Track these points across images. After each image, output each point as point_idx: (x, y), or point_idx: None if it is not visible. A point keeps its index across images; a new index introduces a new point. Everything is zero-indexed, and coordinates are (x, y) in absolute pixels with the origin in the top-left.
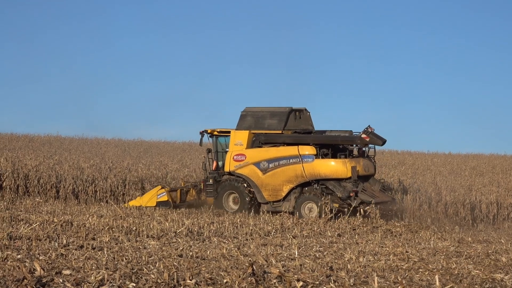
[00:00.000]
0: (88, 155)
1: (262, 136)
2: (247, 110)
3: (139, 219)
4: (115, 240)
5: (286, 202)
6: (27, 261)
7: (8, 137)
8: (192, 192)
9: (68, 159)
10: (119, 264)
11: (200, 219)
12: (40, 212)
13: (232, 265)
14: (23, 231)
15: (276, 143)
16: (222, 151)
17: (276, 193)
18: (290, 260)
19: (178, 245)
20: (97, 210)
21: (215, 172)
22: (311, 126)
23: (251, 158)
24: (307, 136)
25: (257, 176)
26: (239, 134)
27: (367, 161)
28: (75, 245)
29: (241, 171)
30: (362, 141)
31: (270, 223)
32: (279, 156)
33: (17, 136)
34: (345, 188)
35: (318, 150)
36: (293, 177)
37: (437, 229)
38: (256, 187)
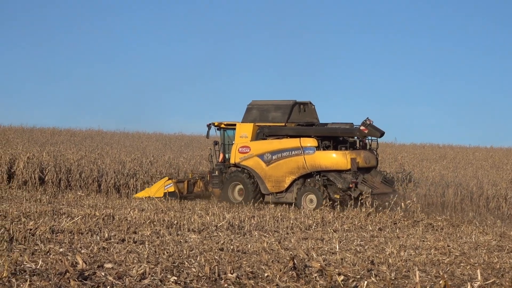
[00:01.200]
0: (129, 149)
1: (266, 128)
2: (253, 104)
3: (180, 213)
4: (156, 234)
5: (289, 193)
6: (69, 254)
7: (51, 131)
8: (200, 183)
9: (109, 153)
10: (160, 257)
11: (241, 213)
12: (82, 205)
13: (273, 259)
14: (65, 225)
15: (279, 136)
16: (229, 143)
17: (279, 184)
18: (331, 254)
19: (219, 238)
20: (138, 204)
21: (221, 164)
22: (316, 119)
23: (255, 150)
24: (309, 129)
25: (261, 167)
26: (244, 127)
27: (369, 153)
28: (117, 239)
29: (245, 162)
30: (361, 133)
31: (311, 217)
32: (282, 148)
33: (59, 131)
34: (345, 180)
35: (320, 142)
36: (295, 168)
37: (478, 223)
38: (260, 179)
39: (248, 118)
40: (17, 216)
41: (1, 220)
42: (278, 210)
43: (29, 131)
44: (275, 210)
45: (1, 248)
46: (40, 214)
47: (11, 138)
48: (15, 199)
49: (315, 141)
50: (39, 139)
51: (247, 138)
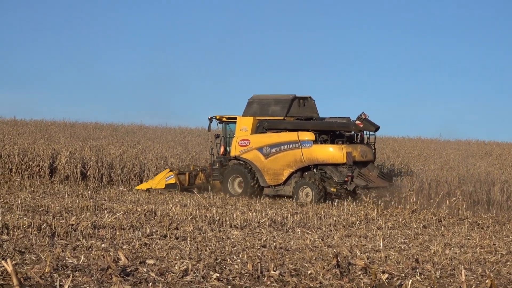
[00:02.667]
0: (171, 144)
1: (266, 122)
2: (254, 97)
3: (222, 209)
4: (198, 230)
5: (287, 186)
6: (111, 250)
7: (93, 126)
8: (201, 175)
9: (151, 148)
10: (202, 254)
11: (283, 210)
12: (124, 201)
13: (316, 256)
14: (107, 220)
15: (278, 129)
16: (230, 136)
17: (277, 177)
18: (375, 251)
19: (261, 235)
20: (180, 199)
21: (222, 157)
22: (316, 113)
23: (255, 143)
24: (306, 123)
25: (260, 160)
26: (244, 120)
27: (366, 148)
28: (159, 235)
29: (245, 155)
30: (356, 127)
31: (354, 214)
32: (280, 142)
33: (101, 125)
34: (342, 173)
35: (317, 136)
36: (292, 161)
37: None
38: (259, 171)
39: (248, 111)
40: (59, 211)
41: (43, 215)
42: (321, 207)
43: (71, 126)
44: (318, 206)
45: (43, 244)
46: (82, 209)
47: (53, 133)
48: (57, 194)
49: (312, 135)
50: (81, 134)
51: (247, 132)
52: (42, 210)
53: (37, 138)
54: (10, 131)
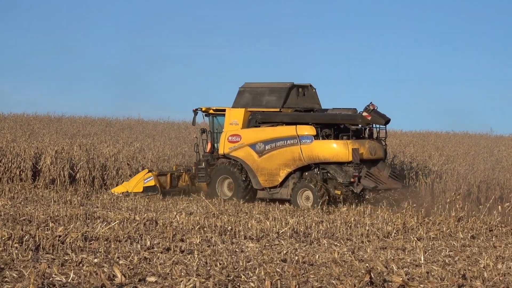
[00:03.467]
0: (174, 142)
1: (259, 114)
2: (245, 86)
3: (235, 217)
4: (207, 242)
5: (284, 189)
6: (106, 266)
7: (82, 120)
8: (185, 176)
9: (151, 146)
10: (212, 270)
11: (306, 218)
12: (120, 208)
13: (346, 272)
14: (100, 231)
15: (273, 123)
16: (218, 131)
17: (272, 178)
18: (415, 266)
19: (281, 248)
20: (185, 206)
21: (209, 155)
22: (318, 104)
23: (247, 139)
24: (306, 115)
25: (252, 159)
26: (234, 113)
27: (375, 143)
28: (161, 248)
29: (236, 153)
30: (364, 119)
31: (390, 222)
32: (276, 137)
33: (93, 120)
34: (347, 173)
35: (319, 130)
36: (290, 160)
37: None
38: (252, 172)
39: (239, 102)
40: (44, 221)
41: (26, 225)
42: (351, 215)
43: (57, 121)
44: (347, 214)
45: (26, 258)
46: (70, 218)
47: (36, 129)
48: (41, 201)
49: (313, 129)
50: (69, 130)
51: (237, 126)
52: (24, 220)
53: (17, 135)
54: None
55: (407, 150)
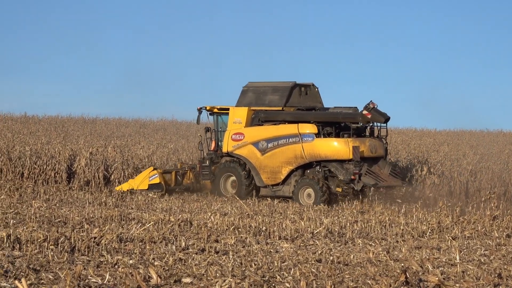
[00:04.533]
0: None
1: (262, 113)
2: (249, 85)
3: (270, 217)
4: (242, 243)
5: (286, 186)
6: (141, 267)
7: (116, 122)
8: (190, 174)
9: (185, 147)
10: (247, 270)
11: (341, 218)
12: (154, 209)
13: (381, 272)
14: (135, 232)
15: (276, 121)
16: (223, 130)
17: (275, 176)
18: (450, 266)
19: (316, 248)
20: (220, 207)
21: (213, 153)
22: (320, 103)
23: (250, 138)
24: (308, 113)
25: (255, 157)
26: (238, 111)
27: (375, 142)
28: (196, 249)
29: (239, 151)
30: (364, 118)
31: (424, 221)
32: (278, 135)
33: (126, 121)
34: (348, 171)
35: (320, 128)
36: (292, 158)
37: None
38: (255, 169)
39: (242, 101)
40: (79, 222)
41: (61, 227)
42: (386, 214)
43: (91, 122)
44: (382, 214)
45: (62, 260)
46: (105, 219)
47: (70, 131)
48: (76, 202)
49: (314, 127)
50: (103, 132)
51: (241, 124)
52: (59, 221)
53: (52, 137)
54: (21, 129)
55: (441, 148)
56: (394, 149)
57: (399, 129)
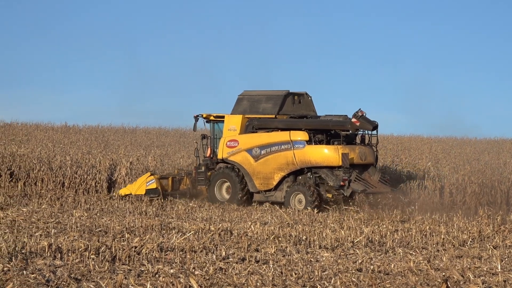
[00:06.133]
0: None
1: (256, 120)
2: (244, 94)
3: (310, 226)
4: (282, 252)
5: (278, 192)
6: (182, 276)
7: (156, 131)
8: (186, 180)
9: None
10: (288, 280)
11: (381, 227)
12: (194, 219)
13: (422, 281)
14: (175, 242)
15: (269, 129)
16: (218, 137)
17: (267, 182)
18: (491, 275)
19: (356, 257)
20: (260, 216)
21: (208, 159)
22: (313, 111)
23: (244, 144)
24: (299, 121)
25: (249, 163)
26: (232, 119)
27: (366, 149)
28: (236, 258)
29: (233, 158)
30: (352, 125)
31: (465, 230)
32: (271, 142)
33: (166, 131)
34: (338, 177)
35: (312, 136)
36: (284, 164)
37: None
38: (248, 175)
39: (237, 109)
40: (119, 232)
41: (102, 236)
42: (426, 223)
43: (131, 132)
44: (422, 223)
45: (103, 269)
46: (146, 229)
47: (111, 140)
48: (117, 212)
49: (305, 134)
50: (143, 141)
51: (235, 131)
52: (100, 231)
53: (93, 147)
54: (61, 139)
55: (481, 157)
56: (434, 158)
57: (439, 138)
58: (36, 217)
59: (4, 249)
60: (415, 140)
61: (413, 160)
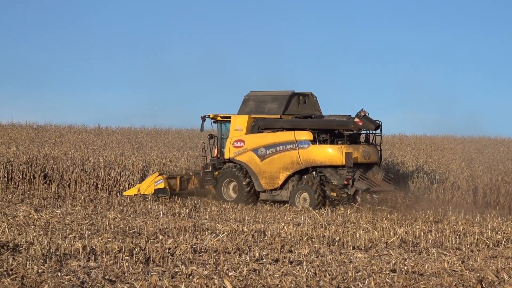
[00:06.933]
0: None
1: (261, 121)
2: (250, 94)
3: (343, 227)
4: (315, 253)
5: (284, 191)
6: (215, 277)
7: (189, 133)
8: (194, 180)
9: None
10: (321, 281)
11: (415, 227)
12: (228, 220)
13: (456, 282)
14: (208, 243)
15: (274, 129)
16: (225, 137)
17: (273, 181)
18: None
19: (390, 258)
20: (293, 217)
21: (215, 159)
22: (318, 111)
23: (250, 144)
24: (303, 121)
25: (255, 163)
26: (239, 119)
27: (369, 148)
28: (270, 259)
29: (240, 157)
30: (355, 125)
31: (499, 231)
32: (276, 142)
33: (199, 132)
34: (342, 176)
35: (316, 135)
36: (289, 164)
37: None
38: (254, 175)
39: (244, 110)
40: (153, 233)
41: (135, 238)
42: (459, 224)
43: (164, 133)
44: (456, 223)
45: (137, 271)
46: (179, 230)
47: (144, 142)
48: (150, 213)
49: (310, 134)
50: (176, 143)
51: (241, 131)
52: (133, 232)
53: (126, 148)
54: (95, 141)
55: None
56: (467, 158)
57: (472, 138)
58: (70, 219)
59: (39, 251)
60: (448, 140)
61: (446, 161)
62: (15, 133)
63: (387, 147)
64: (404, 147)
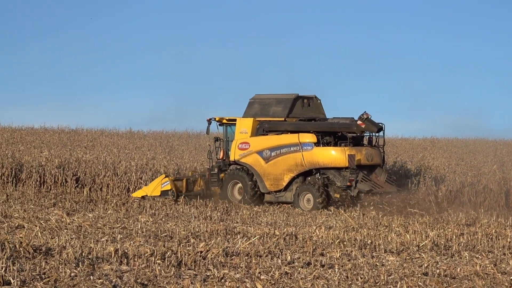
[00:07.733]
0: None
1: (266, 123)
2: (255, 97)
3: (375, 230)
4: (347, 256)
5: (288, 192)
6: (247, 281)
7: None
8: (200, 182)
9: None
10: (353, 284)
11: (447, 230)
12: (259, 223)
13: (489, 285)
14: (240, 246)
15: (278, 131)
16: (231, 139)
17: (278, 183)
18: None
19: (422, 261)
20: (324, 220)
21: (221, 161)
22: (322, 114)
23: (255, 147)
24: (307, 124)
25: (259, 165)
26: (244, 122)
27: (372, 150)
28: (301, 262)
29: (245, 160)
30: (358, 127)
31: None
32: (281, 144)
33: None
34: (345, 178)
35: (320, 138)
36: (293, 165)
37: None
38: (259, 176)
39: (249, 112)
40: (185, 237)
41: (167, 241)
42: (492, 227)
43: (195, 137)
44: (488, 226)
45: (169, 274)
46: (211, 233)
47: (175, 145)
48: (182, 217)
49: (314, 136)
50: (207, 146)
51: (246, 134)
52: (165, 236)
53: (157, 152)
54: (126, 144)
55: None
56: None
57: (504, 141)
58: (102, 223)
59: (71, 255)
60: (480, 143)
61: (478, 164)
62: (47, 137)
63: (418, 150)
64: (436, 150)
